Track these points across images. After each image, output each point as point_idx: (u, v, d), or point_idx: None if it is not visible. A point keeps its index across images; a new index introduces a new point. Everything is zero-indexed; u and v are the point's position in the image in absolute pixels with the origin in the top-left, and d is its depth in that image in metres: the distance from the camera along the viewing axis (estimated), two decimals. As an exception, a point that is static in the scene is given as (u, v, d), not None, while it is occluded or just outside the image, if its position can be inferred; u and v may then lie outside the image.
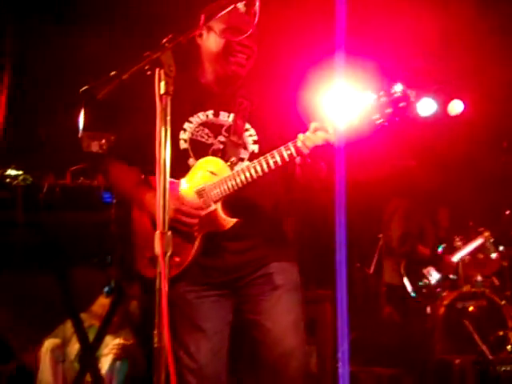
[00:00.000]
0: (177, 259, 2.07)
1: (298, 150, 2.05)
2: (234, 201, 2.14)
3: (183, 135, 2.23)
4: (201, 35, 2.20)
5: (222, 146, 2.20)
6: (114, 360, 3.89)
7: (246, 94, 2.30)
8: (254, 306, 2.18)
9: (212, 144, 2.24)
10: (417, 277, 4.63)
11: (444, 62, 5.75)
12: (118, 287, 3.30)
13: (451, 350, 4.20)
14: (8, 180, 3.25)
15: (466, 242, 4.80)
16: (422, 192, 5.09)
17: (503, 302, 4.53)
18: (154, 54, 1.47)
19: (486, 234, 4.75)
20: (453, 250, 4.79)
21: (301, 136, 2.05)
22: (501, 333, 4.33)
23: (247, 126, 2.21)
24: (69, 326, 3.97)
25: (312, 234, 2.85)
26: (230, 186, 2.11)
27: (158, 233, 1.47)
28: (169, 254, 1.45)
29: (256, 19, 2.03)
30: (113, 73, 1.47)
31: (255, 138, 2.26)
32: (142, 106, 2.12)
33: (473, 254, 4.87)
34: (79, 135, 3.39)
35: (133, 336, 4.12)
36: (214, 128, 2.25)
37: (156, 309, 1.39)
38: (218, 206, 2.13)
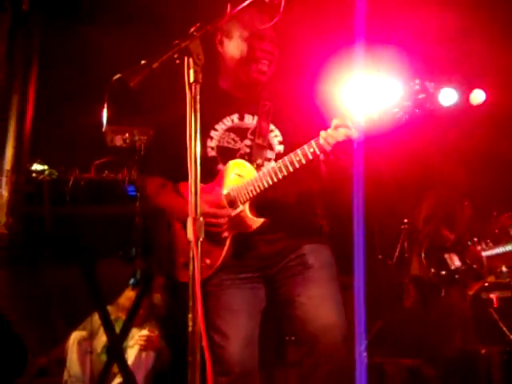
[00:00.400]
0: (207, 261, 2.13)
1: (320, 147, 2.10)
2: (261, 201, 2.20)
3: (210, 143, 2.30)
4: (221, 42, 2.23)
5: (248, 150, 2.28)
6: (140, 351, 3.96)
7: (269, 96, 2.36)
8: (289, 287, 2.25)
9: (239, 149, 2.31)
10: (437, 261, 4.60)
11: (466, 51, 5.69)
12: (143, 279, 3.33)
13: (476, 340, 4.18)
14: (34, 175, 3.29)
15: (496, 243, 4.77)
16: (447, 182, 5.06)
17: (529, 293, 4.50)
18: (183, 43, 1.48)
19: None
20: (482, 243, 4.75)
21: (323, 133, 2.09)
22: (527, 323, 4.31)
23: (272, 127, 2.28)
24: (96, 319, 4.02)
25: (336, 223, 2.85)
26: (257, 188, 2.17)
27: (190, 219, 1.49)
28: (201, 239, 1.47)
29: (277, 18, 2.02)
30: (143, 62, 1.48)
31: (280, 138, 2.32)
32: (173, 114, 2.23)
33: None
34: (103, 129, 3.41)
35: (158, 328, 4.17)
36: (240, 132, 2.32)
37: (190, 293, 1.40)
38: (246, 207, 2.20)
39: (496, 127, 5.39)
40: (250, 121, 2.34)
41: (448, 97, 5.87)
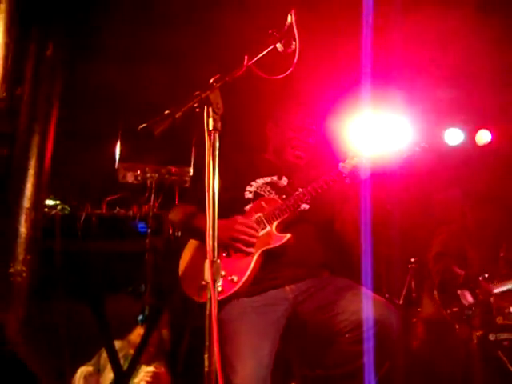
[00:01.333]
0: (235, 278, 2.25)
1: (339, 173, 2.46)
2: (287, 224, 2.47)
3: (249, 188, 2.65)
4: (271, 129, 2.77)
5: (281, 201, 2.59)
6: (145, 387, 3.93)
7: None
8: (317, 297, 2.38)
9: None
10: (450, 298, 4.59)
11: (471, 91, 5.77)
12: (151, 315, 3.35)
13: (485, 382, 4.13)
14: (46, 210, 3.34)
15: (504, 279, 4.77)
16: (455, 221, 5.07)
17: (538, 335, 4.46)
18: (204, 93, 1.56)
19: None
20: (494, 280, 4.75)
21: (341, 164, 2.49)
22: (534, 366, 4.26)
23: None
24: (104, 355, 4.03)
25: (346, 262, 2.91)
26: (283, 210, 2.47)
27: (207, 261, 1.53)
28: (218, 282, 1.51)
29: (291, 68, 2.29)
30: (167, 112, 1.56)
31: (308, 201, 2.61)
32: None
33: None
34: (115, 166, 3.48)
35: (164, 364, 4.16)
36: (276, 187, 2.69)
37: (206, 333, 1.43)
38: (273, 227, 2.46)
39: (503, 166, 5.43)
40: (286, 182, 2.73)
41: (454, 137, 5.95)
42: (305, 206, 2.60)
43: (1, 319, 1.99)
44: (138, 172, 3.47)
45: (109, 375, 4.00)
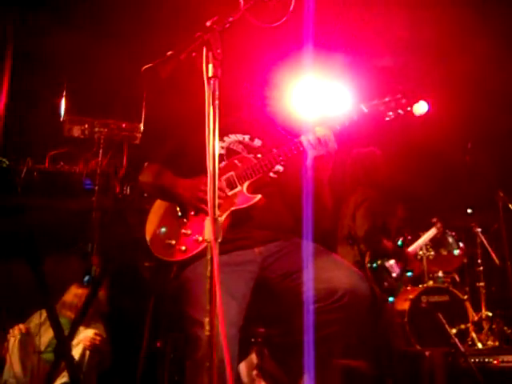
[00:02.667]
0: (199, 238, 2.16)
1: (306, 141, 2.36)
2: (259, 185, 2.37)
3: (221, 143, 2.52)
4: (246, 87, 2.64)
5: (255, 160, 2.47)
6: (84, 350, 3.81)
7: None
8: (288, 261, 2.31)
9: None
10: (379, 270, 4.71)
11: (409, 61, 5.88)
12: (98, 277, 3.21)
13: (416, 342, 4.31)
14: (-19, 163, 3.10)
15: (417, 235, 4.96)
16: (384, 184, 5.14)
17: (465, 297, 4.72)
18: (205, 35, 1.44)
19: (439, 225, 4.92)
20: (409, 242, 4.92)
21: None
22: (462, 326, 4.51)
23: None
24: (38, 317, 3.86)
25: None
26: (255, 170, 2.37)
27: (208, 219, 1.45)
28: (219, 240, 1.43)
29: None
30: (170, 53, 1.43)
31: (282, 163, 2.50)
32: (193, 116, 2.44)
33: (434, 248, 5.04)
34: (61, 119, 3.27)
35: (103, 327, 4.04)
36: (249, 148, 2.58)
37: (208, 296, 1.35)
38: (244, 187, 2.36)
39: (439, 136, 5.60)
40: (259, 144, 2.60)
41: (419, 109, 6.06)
42: (279, 168, 2.52)
43: None
44: (86, 126, 3.28)
45: (43, 337, 3.85)
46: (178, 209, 2.37)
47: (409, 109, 2.33)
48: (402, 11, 5.30)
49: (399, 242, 4.96)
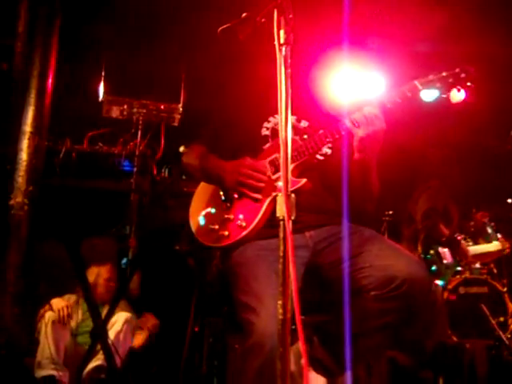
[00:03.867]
0: (243, 223, 2.07)
1: (355, 122, 2.19)
2: (305, 168, 2.13)
3: (266, 124, 2.37)
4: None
5: (300, 142, 2.30)
6: (118, 333, 3.81)
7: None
8: (341, 247, 2.18)
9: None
10: (431, 253, 4.64)
11: (447, 48, 5.72)
12: (135, 260, 3.17)
13: (453, 333, 4.21)
14: (21, 143, 3.06)
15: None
16: (442, 176, 5.08)
17: (505, 289, 4.59)
18: None
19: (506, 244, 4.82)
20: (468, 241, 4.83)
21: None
22: (502, 319, 4.38)
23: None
24: (68, 299, 3.86)
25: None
26: (301, 152, 2.22)
27: (281, 195, 1.37)
28: (293, 217, 1.35)
29: None
30: (245, 14, 1.34)
31: (330, 144, 2.36)
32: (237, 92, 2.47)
33: (472, 239, 4.94)
34: (99, 99, 3.21)
35: (129, 306, 4.02)
36: (296, 130, 2.38)
37: (282, 278, 1.27)
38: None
39: (479, 124, 5.46)
40: (305, 125, 2.43)
41: (429, 93, 5.93)
42: (327, 151, 2.40)
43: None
44: (125, 107, 3.22)
45: (74, 320, 3.86)
46: (221, 192, 2.29)
47: (469, 84, 2.17)
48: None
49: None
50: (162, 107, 3.34)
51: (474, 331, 4.10)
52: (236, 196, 2.24)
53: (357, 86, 2.70)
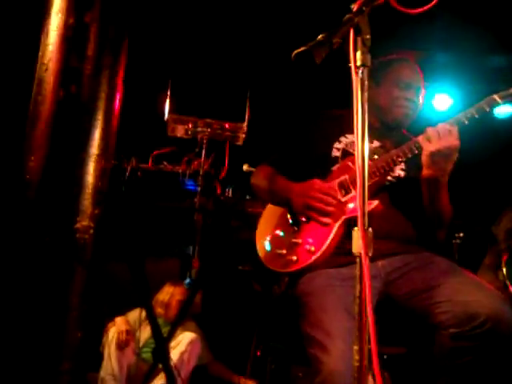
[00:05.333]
0: (312, 248, 1.98)
1: (427, 138, 2.06)
2: (376, 190, 2.05)
3: (337, 145, 2.30)
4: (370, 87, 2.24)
5: (370, 162, 2.17)
6: (182, 353, 3.77)
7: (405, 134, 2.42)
8: (417, 277, 2.04)
9: None
10: None
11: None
12: (198, 280, 3.13)
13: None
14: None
15: None
16: None
17: None
18: (355, 17, 1.26)
19: None
20: None
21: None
22: None
23: (400, 158, 2.15)
24: (137, 313, 3.85)
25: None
26: (371, 173, 2.12)
27: (356, 230, 1.28)
28: (370, 254, 1.26)
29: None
30: (320, 36, 1.27)
31: (403, 166, 2.27)
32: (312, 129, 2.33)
33: None
34: (165, 118, 3.21)
35: (196, 326, 3.98)
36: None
37: (359, 322, 1.18)
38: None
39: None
40: (377, 145, 2.32)
41: (502, 110, 5.69)
42: (400, 173, 2.27)
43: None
44: (189, 126, 3.20)
45: (142, 336, 3.84)
46: (288, 216, 2.21)
47: None
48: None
49: None
50: (227, 126, 3.31)
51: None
52: (304, 219, 2.15)
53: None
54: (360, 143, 1.22)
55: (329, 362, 1.73)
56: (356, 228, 1.28)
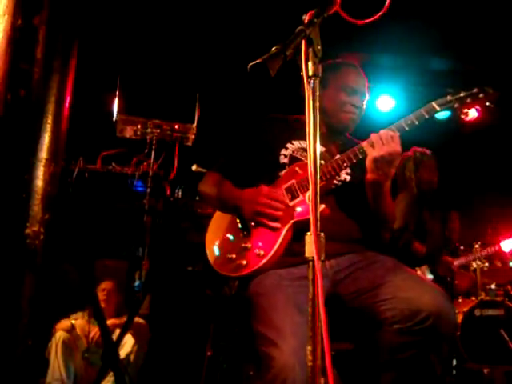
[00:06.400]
0: (261, 252, 2.02)
1: (371, 143, 2.15)
2: (322, 194, 2.11)
3: (284, 152, 2.34)
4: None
5: None
6: (129, 354, 3.76)
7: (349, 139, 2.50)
8: (362, 276, 2.12)
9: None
10: None
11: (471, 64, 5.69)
12: (148, 282, 3.12)
13: (469, 358, 4.11)
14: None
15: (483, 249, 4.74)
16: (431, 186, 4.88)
17: (522, 312, 4.48)
18: (307, 29, 1.30)
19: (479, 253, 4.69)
20: (458, 254, 4.70)
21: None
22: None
23: (345, 163, 2.25)
24: (81, 316, 3.81)
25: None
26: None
27: (309, 235, 1.32)
28: (322, 258, 1.30)
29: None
30: (274, 48, 1.30)
31: (348, 170, 2.35)
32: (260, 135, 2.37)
33: (488, 259, 4.81)
34: (113, 119, 3.18)
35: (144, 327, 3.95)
36: None
37: (312, 322, 1.22)
38: (306, 196, 2.18)
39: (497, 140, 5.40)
40: (322, 150, 2.38)
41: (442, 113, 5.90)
42: (346, 177, 2.36)
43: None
44: (138, 126, 3.18)
45: (84, 339, 3.80)
46: (238, 221, 2.24)
47: (488, 104, 2.13)
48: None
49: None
50: (176, 127, 3.31)
51: (492, 356, 4.00)
52: (253, 224, 2.19)
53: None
54: (312, 151, 1.25)
55: (280, 357, 1.78)
56: (309, 233, 1.32)
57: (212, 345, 3.07)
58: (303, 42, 1.31)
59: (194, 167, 3.31)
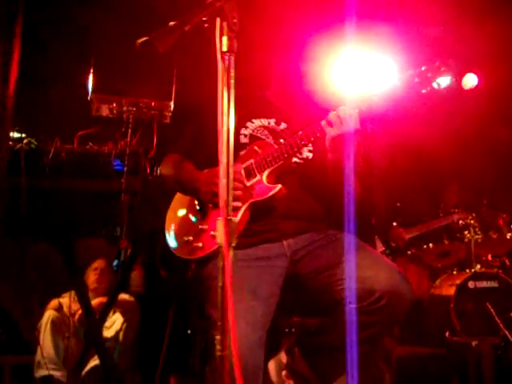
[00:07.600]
0: (216, 233, 1.98)
1: (329, 122, 2.12)
2: (281, 173, 2.14)
3: (244, 131, 2.30)
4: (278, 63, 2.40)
5: (275, 146, 2.25)
6: (118, 332, 3.78)
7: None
8: (321, 255, 2.11)
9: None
10: None
11: (459, 33, 5.54)
12: (126, 261, 3.11)
13: (462, 331, 4.08)
14: (10, 143, 3.01)
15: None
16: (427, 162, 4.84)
17: (516, 283, 4.42)
18: (218, 2, 1.24)
19: (456, 216, 4.63)
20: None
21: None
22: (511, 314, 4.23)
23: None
24: (69, 296, 3.83)
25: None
26: (276, 157, 2.15)
27: (220, 219, 1.28)
28: (233, 244, 1.26)
29: None
30: (172, 23, 1.25)
31: (311, 148, 2.31)
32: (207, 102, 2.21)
33: (482, 230, 4.75)
34: (88, 98, 3.14)
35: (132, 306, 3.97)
36: (274, 133, 2.34)
37: (221, 312, 1.19)
38: (263, 177, 2.15)
39: (489, 112, 5.28)
40: (285, 127, 2.37)
41: (441, 80, 5.76)
42: (308, 155, 2.30)
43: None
44: (114, 105, 3.14)
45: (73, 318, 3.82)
46: (196, 202, 2.21)
47: (450, 77, 2.06)
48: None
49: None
50: (153, 104, 3.26)
51: (484, 329, 3.97)
52: (211, 206, 2.16)
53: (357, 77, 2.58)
54: (225, 129, 1.20)
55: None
56: (220, 218, 1.29)
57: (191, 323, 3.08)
58: (218, 16, 1.25)
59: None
